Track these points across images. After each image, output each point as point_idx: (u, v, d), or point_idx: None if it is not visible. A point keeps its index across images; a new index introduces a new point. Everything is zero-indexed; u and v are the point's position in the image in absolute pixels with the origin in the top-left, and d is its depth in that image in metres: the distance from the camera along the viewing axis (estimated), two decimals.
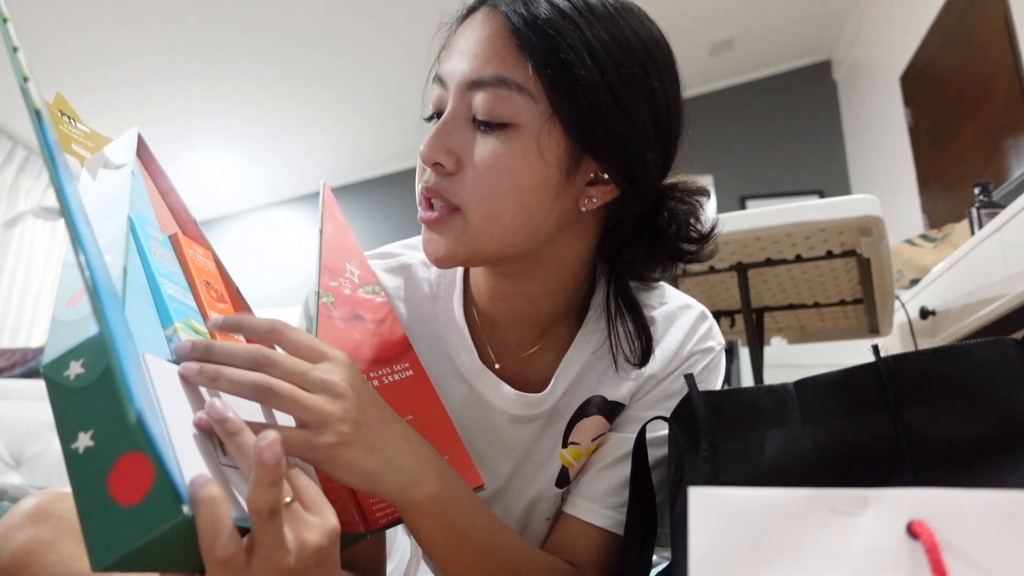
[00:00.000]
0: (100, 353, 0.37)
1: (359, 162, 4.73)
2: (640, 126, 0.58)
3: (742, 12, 3.69)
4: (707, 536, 0.32)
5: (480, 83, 0.56)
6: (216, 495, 0.36)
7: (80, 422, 0.36)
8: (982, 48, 2.59)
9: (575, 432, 0.70)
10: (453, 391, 0.69)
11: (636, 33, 0.58)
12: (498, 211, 0.57)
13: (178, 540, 0.36)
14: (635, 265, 0.67)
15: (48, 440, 1.90)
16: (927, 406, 0.50)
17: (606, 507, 0.68)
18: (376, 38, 3.55)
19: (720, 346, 0.72)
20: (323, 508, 0.44)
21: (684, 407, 0.60)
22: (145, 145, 0.59)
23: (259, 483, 0.38)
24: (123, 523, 0.34)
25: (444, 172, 0.58)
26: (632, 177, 0.59)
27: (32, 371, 2.14)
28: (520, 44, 0.55)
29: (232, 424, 0.41)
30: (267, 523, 0.38)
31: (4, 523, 0.55)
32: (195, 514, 0.36)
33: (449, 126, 0.58)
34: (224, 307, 0.55)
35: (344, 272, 0.66)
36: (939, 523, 0.30)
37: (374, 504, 0.55)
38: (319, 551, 0.41)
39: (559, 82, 0.55)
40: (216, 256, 0.60)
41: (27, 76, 0.41)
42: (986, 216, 1.57)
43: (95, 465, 0.36)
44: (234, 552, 0.37)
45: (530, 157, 0.56)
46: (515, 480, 0.72)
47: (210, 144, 4.27)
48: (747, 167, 3.97)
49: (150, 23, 3.24)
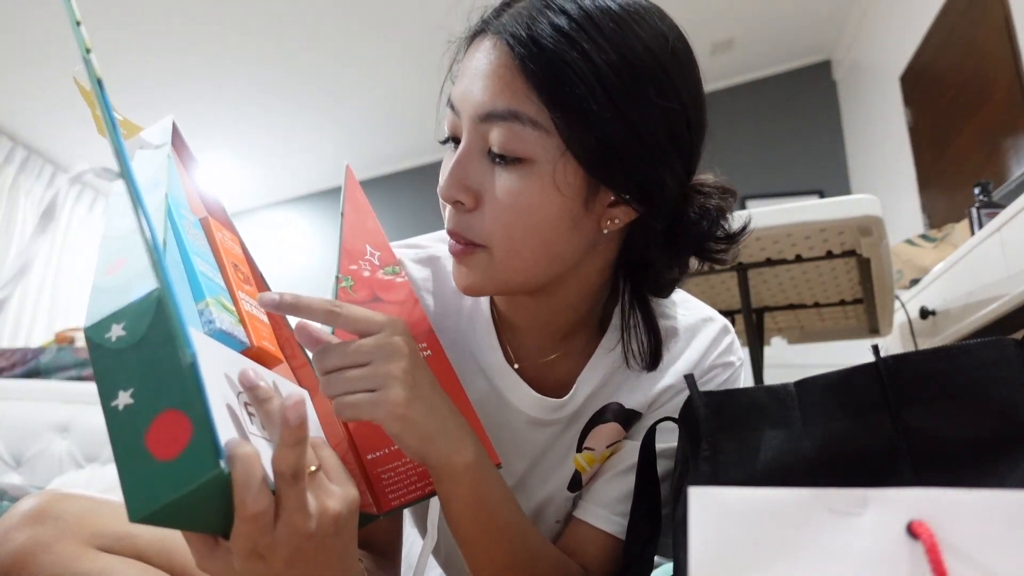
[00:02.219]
0: (141, 317, 0.40)
1: (359, 162, 4.72)
2: (656, 148, 0.56)
3: (742, 12, 3.69)
4: (707, 536, 0.32)
5: (493, 116, 0.55)
6: (252, 453, 0.39)
7: (121, 381, 0.39)
8: (982, 48, 2.59)
9: (590, 438, 0.70)
10: (474, 387, 0.69)
11: (647, 47, 0.55)
12: (519, 247, 0.57)
13: (211, 496, 0.38)
14: (659, 266, 0.65)
15: (48, 440, 1.90)
16: (927, 406, 0.50)
17: (616, 513, 0.67)
18: (376, 39, 3.55)
19: (740, 361, 0.72)
20: (345, 479, 0.47)
21: (685, 408, 0.60)
22: (179, 133, 0.61)
23: (284, 443, 0.40)
24: (161, 477, 0.36)
25: (464, 209, 0.58)
26: (651, 199, 0.58)
27: (32, 371, 2.13)
28: (527, 78, 0.53)
29: (263, 391, 0.44)
30: (290, 485, 0.40)
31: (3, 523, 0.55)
32: (231, 469, 0.37)
33: (464, 161, 0.57)
34: (249, 288, 0.57)
35: (365, 254, 0.66)
36: (939, 523, 0.30)
37: (387, 486, 0.57)
38: (339, 519, 0.44)
39: (569, 118, 0.53)
40: (242, 241, 0.62)
41: (89, 48, 0.44)
42: (986, 216, 1.57)
43: (134, 422, 0.38)
44: (265, 508, 0.39)
45: (547, 191, 0.55)
46: (528, 480, 0.72)
47: (210, 144, 4.27)
48: (747, 167, 3.96)
49: (151, 25, 3.24)
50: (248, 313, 0.53)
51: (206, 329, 0.47)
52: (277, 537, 0.40)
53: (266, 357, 0.53)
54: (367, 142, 4.54)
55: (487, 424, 0.69)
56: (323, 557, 0.44)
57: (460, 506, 0.56)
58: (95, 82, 0.43)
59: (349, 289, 0.64)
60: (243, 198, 4.93)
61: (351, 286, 0.64)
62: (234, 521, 0.39)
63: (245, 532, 0.39)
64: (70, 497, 0.57)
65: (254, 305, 0.56)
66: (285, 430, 0.40)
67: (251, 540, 0.40)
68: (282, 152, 4.50)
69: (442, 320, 0.70)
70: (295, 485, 0.40)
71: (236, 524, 0.39)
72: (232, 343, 0.49)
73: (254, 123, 4.15)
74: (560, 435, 0.70)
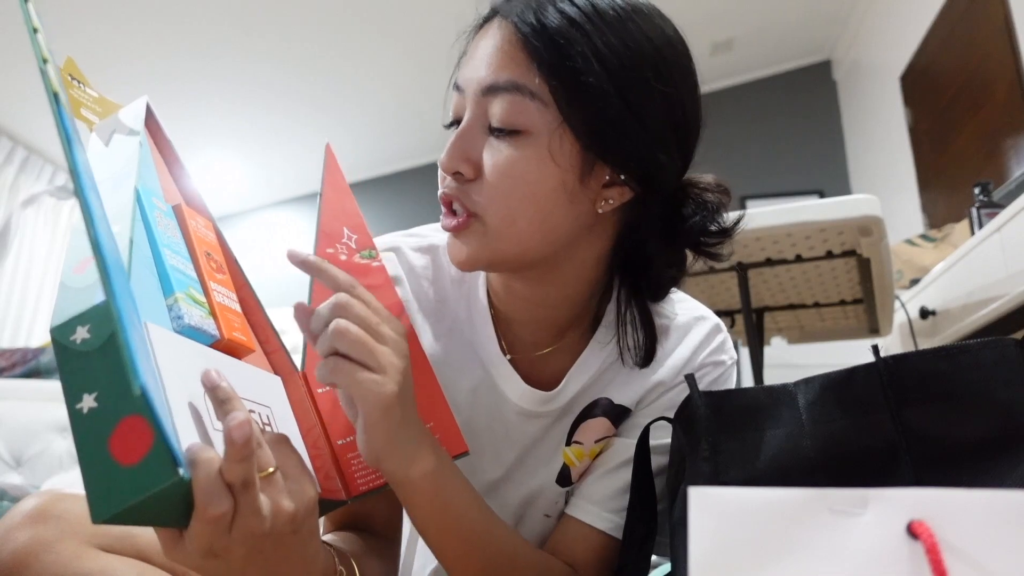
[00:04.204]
0: (105, 321, 0.40)
1: (359, 162, 4.72)
2: (652, 130, 0.58)
3: (742, 12, 3.69)
4: (707, 536, 0.32)
5: (495, 88, 0.57)
6: (213, 457, 0.40)
7: (85, 384, 0.39)
8: (982, 48, 2.59)
9: (579, 432, 0.71)
10: (469, 375, 0.70)
11: (647, 36, 0.58)
12: (514, 215, 0.58)
13: (171, 500, 0.38)
14: (656, 263, 0.66)
15: (48, 440, 1.90)
16: (927, 406, 0.50)
17: (606, 510, 0.68)
18: (377, 39, 3.55)
19: (732, 360, 0.73)
20: (302, 479, 0.47)
21: (685, 408, 0.60)
22: (153, 114, 0.60)
23: (230, 459, 0.40)
24: (122, 481, 0.37)
25: (463, 179, 0.59)
26: (647, 180, 0.59)
27: (32, 371, 2.13)
28: (530, 52, 0.56)
29: (223, 392, 0.44)
30: (241, 493, 0.41)
31: (4, 523, 0.55)
32: (192, 474, 0.39)
33: (467, 134, 0.59)
34: (223, 277, 0.57)
35: (342, 237, 0.66)
36: (939, 523, 0.30)
37: (356, 471, 0.57)
38: (295, 519, 0.45)
39: (568, 90, 0.55)
40: (217, 227, 0.61)
41: (46, 58, 0.43)
42: (986, 216, 1.57)
43: (98, 426, 0.38)
44: (225, 511, 0.40)
45: (543, 162, 0.57)
46: (516, 472, 0.72)
47: (210, 144, 4.27)
48: (747, 167, 3.96)
49: (151, 24, 3.24)
50: (219, 304, 0.53)
51: (175, 326, 0.47)
52: (232, 538, 0.41)
53: (237, 348, 0.53)
54: (367, 142, 4.53)
55: (481, 414, 0.70)
56: (282, 553, 0.46)
57: (422, 513, 0.56)
58: (51, 95, 0.42)
59: None
60: (243, 198, 4.93)
61: None
62: (191, 522, 0.40)
63: (203, 532, 0.40)
64: (71, 497, 0.57)
65: (226, 294, 0.56)
66: (230, 448, 0.40)
67: (207, 540, 0.41)
68: (282, 152, 4.50)
69: (441, 308, 0.71)
70: (246, 493, 0.41)
71: (194, 524, 0.40)
72: (201, 337, 0.49)
73: (254, 123, 4.16)
74: (550, 428, 0.71)
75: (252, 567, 0.44)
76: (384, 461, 0.52)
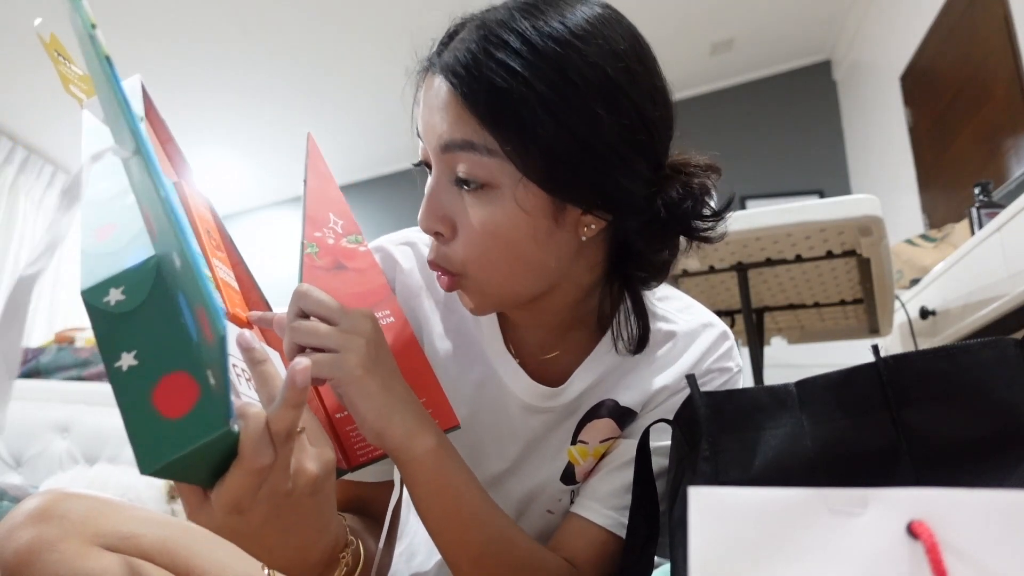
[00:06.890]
0: (140, 283, 0.42)
1: (359, 162, 4.73)
2: (613, 158, 0.56)
3: (742, 12, 3.69)
4: (707, 536, 0.32)
5: (451, 146, 0.57)
6: (260, 413, 0.41)
7: (123, 343, 0.40)
8: (982, 48, 2.59)
9: (584, 432, 0.71)
10: (474, 370, 0.71)
11: (592, 63, 0.54)
12: (496, 267, 0.59)
13: (215, 453, 0.40)
14: (647, 251, 0.65)
15: (48, 440, 1.90)
16: (927, 406, 0.50)
17: (608, 507, 0.68)
18: (377, 40, 3.55)
19: (738, 368, 0.73)
20: (322, 441, 0.49)
21: (685, 408, 0.60)
22: (147, 94, 0.61)
23: (287, 403, 0.42)
24: (169, 434, 0.38)
25: (443, 240, 0.60)
26: (616, 205, 0.58)
27: (32, 371, 2.14)
28: (473, 111, 0.55)
29: (259, 353, 0.46)
30: (282, 445, 0.42)
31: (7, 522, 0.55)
32: (243, 426, 0.40)
33: (436, 192, 0.60)
34: (221, 255, 0.58)
35: (328, 223, 0.67)
36: (939, 523, 0.30)
37: (355, 442, 0.58)
38: (316, 480, 0.46)
39: (517, 145, 0.54)
40: (212, 207, 0.62)
41: (94, 23, 0.44)
42: (986, 216, 1.57)
43: (139, 382, 0.39)
44: (268, 463, 0.41)
45: (513, 214, 0.56)
46: (520, 466, 0.73)
47: (210, 144, 4.27)
48: (747, 167, 3.96)
49: (151, 25, 3.24)
50: (221, 280, 0.54)
51: None
52: (259, 494, 0.42)
53: (238, 323, 0.55)
54: (366, 142, 4.53)
55: (486, 408, 0.71)
56: (300, 515, 0.47)
57: (424, 491, 0.57)
58: (102, 59, 0.43)
59: (314, 255, 0.65)
60: (243, 198, 4.93)
61: (316, 252, 0.65)
62: (227, 475, 0.41)
63: (239, 485, 0.41)
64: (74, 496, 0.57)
65: (226, 272, 0.57)
66: (290, 391, 0.41)
67: (238, 494, 0.42)
68: (282, 152, 4.50)
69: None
70: (285, 446, 0.42)
71: (231, 478, 0.41)
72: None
73: (255, 123, 4.16)
74: (555, 426, 0.72)
75: (269, 527, 0.45)
76: (385, 437, 0.54)
